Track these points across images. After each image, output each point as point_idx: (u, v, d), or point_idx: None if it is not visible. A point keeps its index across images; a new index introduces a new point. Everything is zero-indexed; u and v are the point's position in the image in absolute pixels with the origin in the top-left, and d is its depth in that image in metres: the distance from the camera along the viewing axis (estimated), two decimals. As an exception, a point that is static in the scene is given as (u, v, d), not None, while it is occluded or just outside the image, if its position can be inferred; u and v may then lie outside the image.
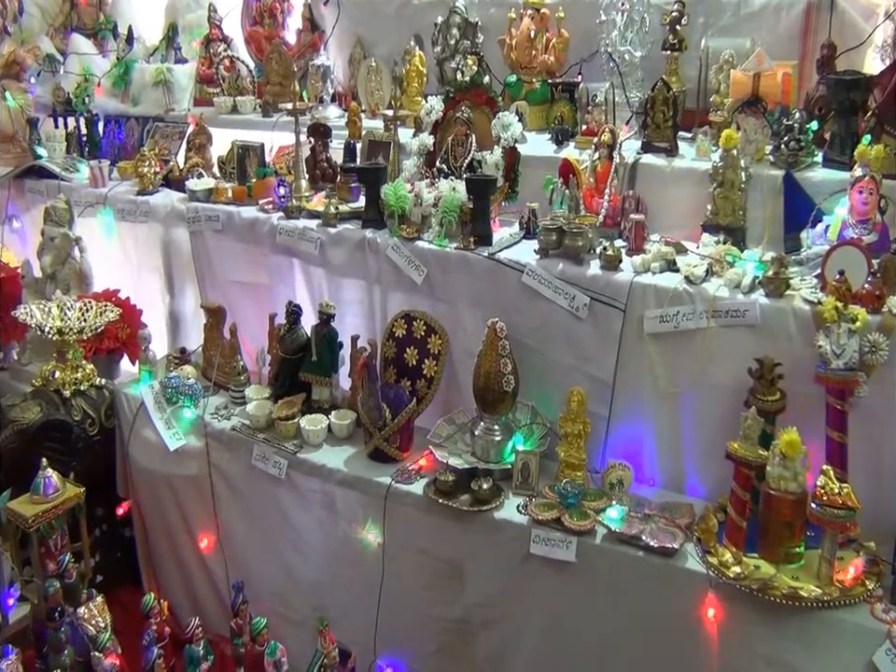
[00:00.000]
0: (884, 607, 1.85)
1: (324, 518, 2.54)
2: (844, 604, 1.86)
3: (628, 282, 2.31)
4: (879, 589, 1.90)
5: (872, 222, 2.25)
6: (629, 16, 2.95)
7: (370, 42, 3.56)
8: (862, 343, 2.01)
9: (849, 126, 2.47)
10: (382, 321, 2.74)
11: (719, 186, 2.48)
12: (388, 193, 2.68)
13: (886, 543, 1.97)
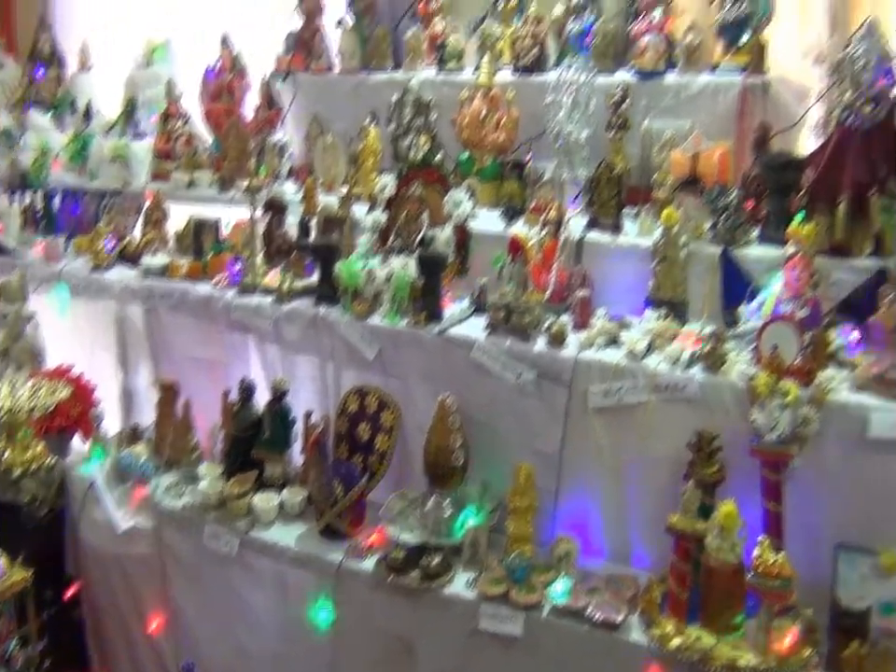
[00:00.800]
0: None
1: (276, 596, 2.63)
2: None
3: (573, 358, 2.48)
4: (815, 656, 2.03)
5: (804, 298, 2.44)
6: (575, 98, 3.17)
7: (326, 119, 3.78)
8: (794, 417, 2.18)
9: (783, 204, 2.69)
10: (335, 397, 2.87)
11: (660, 262, 2.67)
12: (342, 270, 2.85)
13: (823, 611, 2.10)
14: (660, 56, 3.22)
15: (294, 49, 3.95)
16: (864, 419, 2.12)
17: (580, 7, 3.46)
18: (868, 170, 2.54)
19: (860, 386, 2.21)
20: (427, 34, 3.75)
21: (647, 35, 3.27)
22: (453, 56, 3.61)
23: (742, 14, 3.11)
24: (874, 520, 2.13)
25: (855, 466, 2.15)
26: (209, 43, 4.06)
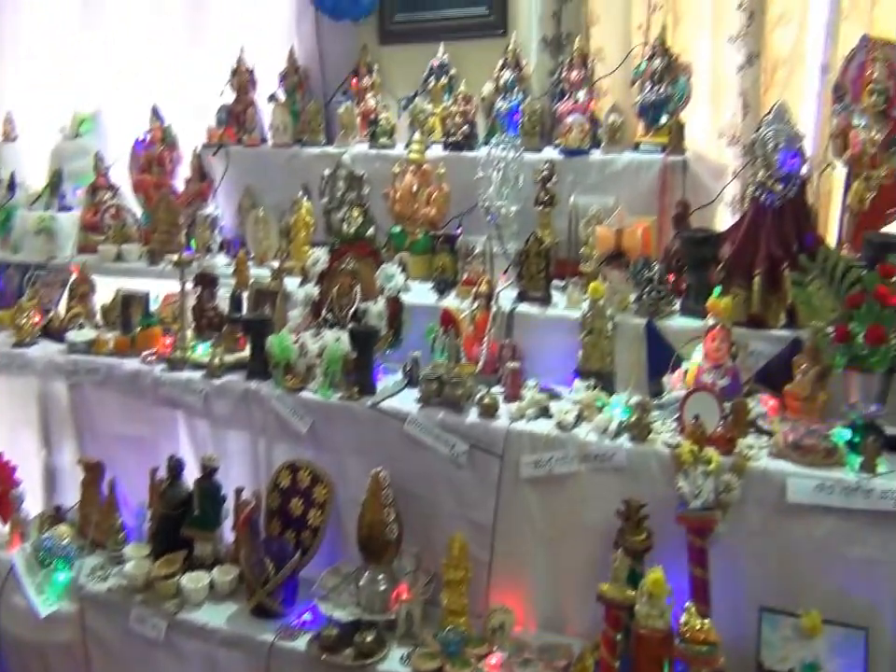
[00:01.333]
0: (746, 739, 2.09)
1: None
2: (709, 739, 2.09)
3: (505, 429, 2.60)
4: (743, 720, 2.15)
5: (724, 367, 2.63)
6: (504, 173, 3.37)
7: (258, 191, 3.91)
8: (717, 484, 2.32)
9: (702, 278, 2.90)
10: (267, 472, 2.92)
11: (588, 334, 2.83)
12: (273, 344, 2.93)
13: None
14: (585, 135, 3.45)
15: (226, 122, 4.09)
16: (782, 485, 2.27)
17: (508, 87, 3.69)
18: (781, 245, 2.76)
19: (777, 453, 2.37)
20: (360, 109, 3.95)
21: (572, 114, 3.51)
22: (385, 132, 3.80)
23: (661, 96, 3.38)
24: (794, 582, 2.28)
25: (775, 530, 2.29)
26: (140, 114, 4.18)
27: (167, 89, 4.37)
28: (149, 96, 4.23)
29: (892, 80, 2.90)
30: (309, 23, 4.13)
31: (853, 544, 2.21)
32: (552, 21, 3.69)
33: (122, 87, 4.49)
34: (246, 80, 4.13)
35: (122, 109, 4.44)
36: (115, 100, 4.47)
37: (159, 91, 4.32)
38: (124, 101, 4.45)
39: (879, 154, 2.90)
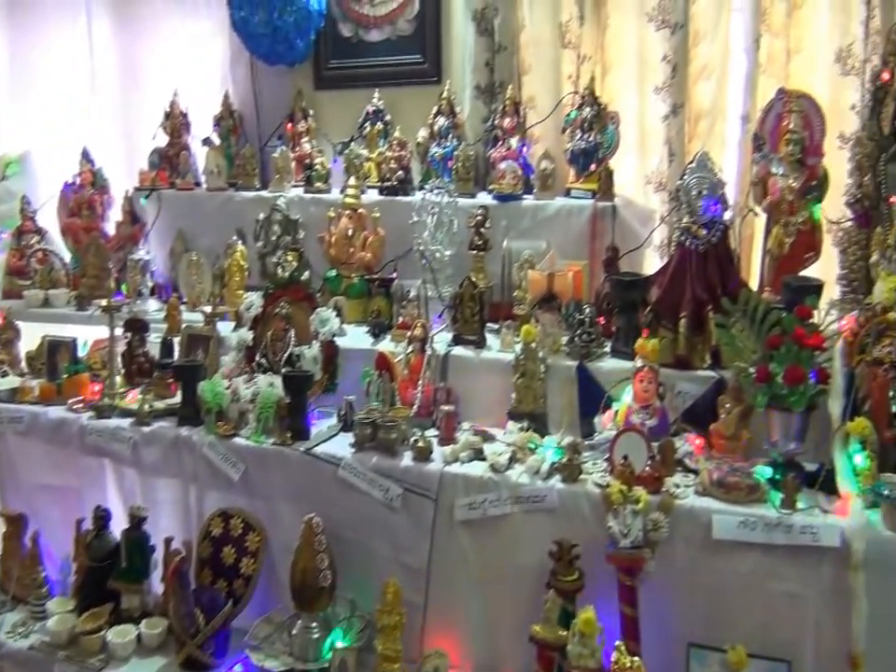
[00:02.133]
0: None
1: (131, 742, 2.60)
2: None
3: (439, 472, 2.67)
4: (673, 758, 2.23)
5: (653, 408, 2.76)
6: (439, 218, 3.51)
7: (191, 235, 3.96)
8: (646, 522, 2.42)
9: (631, 320, 3.04)
10: (198, 520, 2.93)
11: (521, 376, 2.94)
12: (205, 390, 2.97)
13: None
14: (517, 181, 3.61)
15: (159, 165, 4.15)
16: (708, 522, 2.38)
17: (442, 133, 3.84)
18: (705, 288, 2.92)
19: (703, 491, 2.48)
20: (295, 154, 4.04)
21: (505, 160, 3.67)
22: (320, 176, 3.90)
23: (591, 144, 3.56)
24: (721, 618, 2.38)
25: (701, 567, 2.40)
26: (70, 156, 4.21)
27: (98, 131, 4.42)
28: (80, 138, 4.27)
29: (807, 131, 3.11)
30: (244, 67, 4.25)
31: (775, 579, 2.32)
32: (485, 69, 3.87)
33: (52, 129, 4.52)
34: (180, 123, 4.21)
35: (52, 151, 4.47)
36: (44, 142, 4.49)
37: (90, 133, 4.36)
38: (54, 143, 4.48)
39: (796, 201, 3.09)
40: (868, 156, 3.02)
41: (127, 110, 4.47)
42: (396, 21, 4.05)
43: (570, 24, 3.72)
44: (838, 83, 3.37)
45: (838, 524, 2.27)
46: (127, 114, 4.47)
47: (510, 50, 3.82)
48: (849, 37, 3.33)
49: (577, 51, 3.75)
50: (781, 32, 3.43)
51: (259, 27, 3.92)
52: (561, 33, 3.74)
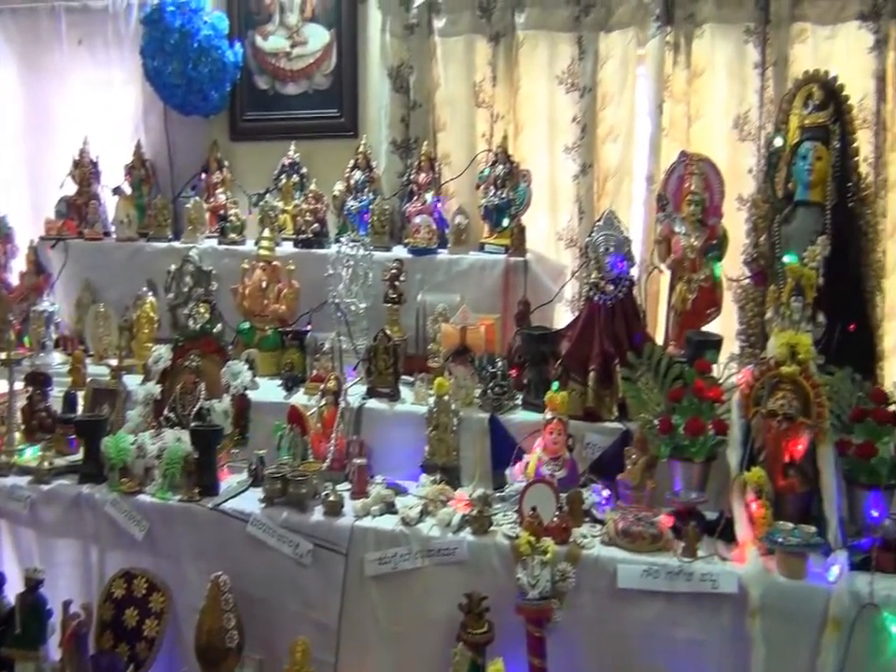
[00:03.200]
0: None
1: None
2: None
3: (349, 526, 2.72)
4: None
5: (562, 459, 2.88)
6: (354, 271, 3.60)
7: (99, 287, 3.97)
8: (554, 573, 2.51)
9: (542, 373, 3.17)
10: (99, 582, 2.90)
11: (434, 428, 3.03)
12: (109, 446, 2.95)
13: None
14: (432, 235, 3.75)
15: (66, 214, 4.15)
16: (614, 571, 2.49)
17: (358, 187, 3.96)
18: (613, 342, 3.08)
19: (609, 541, 2.59)
20: (210, 205, 4.10)
21: (420, 215, 3.81)
22: (234, 228, 3.97)
23: (504, 200, 3.73)
24: (627, 667, 2.48)
25: (608, 616, 2.50)
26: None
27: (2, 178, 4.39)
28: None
29: (708, 192, 3.33)
30: (157, 117, 4.31)
31: (678, 626, 2.44)
32: (400, 125, 4.03)
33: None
34: (90, 172, 4.24)
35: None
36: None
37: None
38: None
39: (698, 259, 3.29)
40: (763, 217, 3.26)
41: (34, 158, 4.46)
42: (313, 75, 4.19)
43: (484, 84, 3.93)
44: (736, 148, 3.64)
45: (736, 571, 2.41)
46: (34, 161, 4.46)
47: (425, 108, 3.99)
48: (746, 105, 3.62)
49: (490, 111, 3.95)
50: (682, 98, 3.70)
51: (173, 77, 4.00)
52: (475, 92, 3.94)
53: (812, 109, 3.12)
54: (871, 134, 3.45)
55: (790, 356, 2.67)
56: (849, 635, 2.30)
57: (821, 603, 2.33)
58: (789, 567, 2.40)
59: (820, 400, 2.63)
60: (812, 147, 3.08)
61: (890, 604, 2.31)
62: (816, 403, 2.62)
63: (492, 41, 3.88)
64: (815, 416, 2.61)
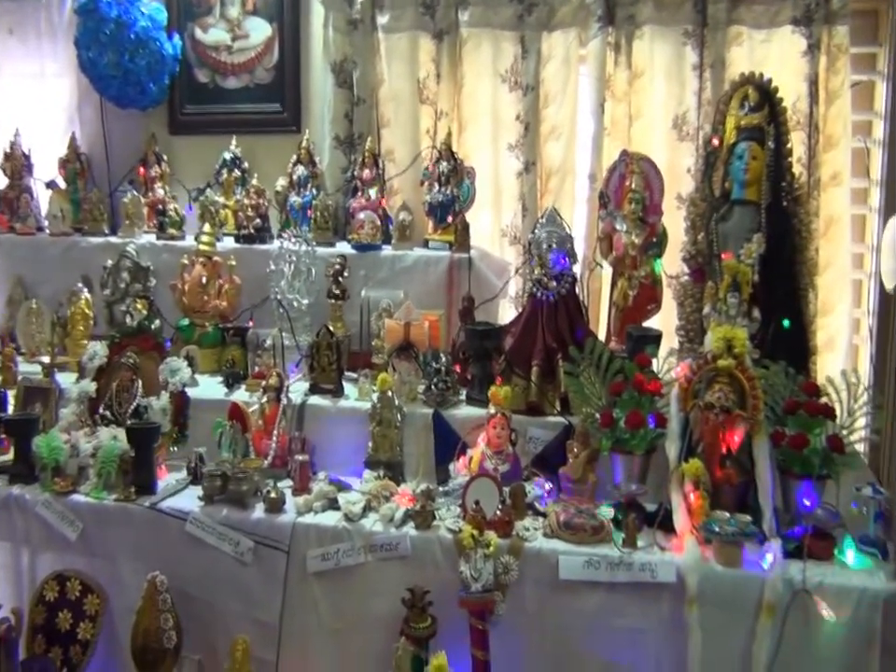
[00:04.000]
0: None
1: None
2: None
3: (291, 523, 2.70)
4: None
5: (505, 453, 2.90)
6: (297, 266, 3.58)
7: (32, 283, 3.87)
8: (496, 566, 2.54)
9: (486, 368, 3.19)
10: (30, 585, 2.83)
11: (377, 424, 3.03)
12: (40, 445, 2.88)
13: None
14: (376, 231, 3.74)
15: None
16: (555, 563, 2.52)
17: (301, 182, 3.93)
18: (555, 338, 3.12)
19: (551, 534, 2.62)
20: (147, 199, 4.03)
21: (364, 211, 3.80)
22: (174, 223, 3.90)
23: (448, 197, 3.74)
24: (569, 657, 2.51)
25: (550, 607, 2.53)
26: None
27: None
28: None
29: (648, 191, 3.39)
30: (93, 109, 4.22)
31: (618, 616, 2.48)
32: (344, 121, 4.01)
33: None
34: (21, 165, 4.13)
35: None
36: None
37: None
38: None
39: (639, 256, 3.35)
40: (701, 215, 3.33)
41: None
42: (254, 69, 4.15)
43: (428, 81, 3.93)
44: (675, 147, 3.71)
45: (674, 560, 2.46)
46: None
47: (368, 103, 3.98)
48: (684, 106, 3.69)
49: (434, 107, 3.95)
50: (623, 98, 3.75)
51: (109, 69, 3.91)
52: (419, 89, 3.94)
53: (748, 110, 3.20)
54: (804, 136, 3.55)
55: (726, 350, 2.72)
56: (783, 620, 2.37)
57: (756, 590, 2.39)
58: (725, 556, 2.46)
59: (756, 393, 2.69)
60: (748, 146, 3.16)
61: (822, 590, 2.38)
62: (751, 396, 2.68)
63: (436, 38, 3.88)
64: (750, 409, 2.67)
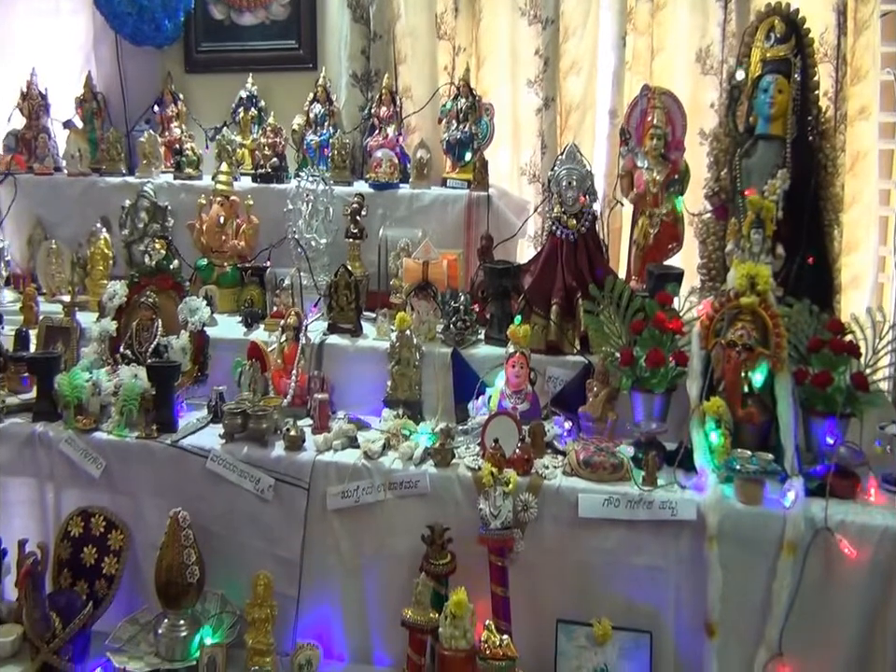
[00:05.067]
0: (545, 746, 2.23)
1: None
2: (510, 748, 2.21)
3: (311, 461, 2.65)
4: (540, 730, 2.30)
5: (524, 392, 2.83)
6: (314, 206, 3.48)
7: (51, 223, 3.80)
8: (516, 503, 2.48)
9: (505, 307, 3.11)
10: (56, 521, 2.80)
11: (396, 363, 2.96)
12: (63, 383, 2.83)
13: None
14: (394, 169, 3.62)
15: (15, 148, 3.95)
16: (575, 501, 2.46)
17: (318, 121, 3.81)
18: (575, 276, 3.02)
19: (570, 472, 2.56)
20: (164, 139, 3.92)
21: (382, 149, 3.68)
22: (191, 162, 3.80)
23: (466, 134, 3.61)
24: (587, 594, 2.46)
25: (569, 545, 2.47)
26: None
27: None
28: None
29: (670, 126, 3.25)
30: (109, 48, 4.10)
31: (637, 554, 2.43)
32: (361, 58, 3.87)
33: None
34: (38, 105, 4.03)
35: None
36: None
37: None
38: None
39: (660, 193, 3.22)
40: (724, 151, 3.19)
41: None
42: (269, 5, 4.00)
43: (445, 16, 3.77)
44: (698, 82, 3.55)
45: (695, 498, 2.39)
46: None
47: (385, 39, 3.83)
48: (708, 39, 3.51)
49: (452, 43, 3.81)
50: (645, 31, 3.58)
51: (124, 5, 3.79)
52: (436, 24, 3.78)
53: (774, 42, 3.03)
54: (831, 68, 3.37)
55: (749, 287, 2.63)
56: (804, 558, 2.31)
57: (777, 528, 2.33)
58: (746, 494, 2.39)
59: (779, 331, 2.60)
60: (773, 79, 3.00)
61: (844, 528, 2.31)
62: (774, 334, 2.59)
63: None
64: (773, 347, 2.58)
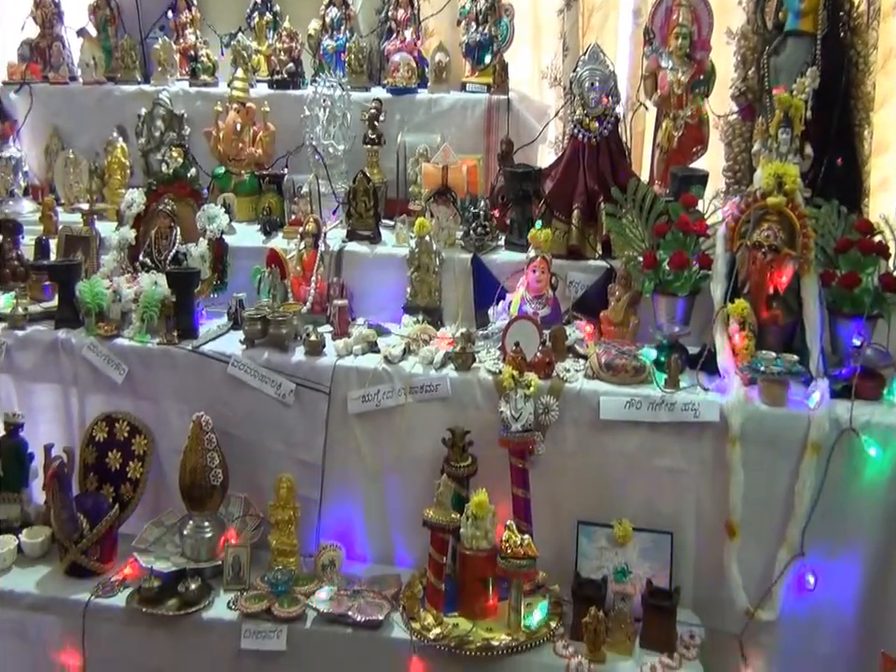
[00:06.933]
0: (564, 643, 2.18)
1: (16, 649, 2.45)
2: (530, 647, 2.16)
3: (331, 366, 2.55)
4: (561, 627, 2.24)
5: (545, 297, 2.70)
6: (331, 112, 3.29)
7: (67, 133, 3.64)
8: (537, 406, 2.38)
9: (525, 212, 2.95)
10: (80, 426, 2.75)
11: (416, 270, 2.83)
12: (83, 290, 2.73)
13: (568, 584, 2.30)
14: (412, 74, 3.42)
15: (30, 57, 3.78)
16: (596, 404, 2.36)
17: (334, 25, 3.59)
18: (597, 180, 2.85)
19: (592, 375, 2.44)
20: (179, 46, 3.72)
21: (399, 53, 3.47)
22: (206, 69, 3.62)
23: (485, 37, 3.39)
24: (608, 496, 2.38)
25: (590, 447, 2.39)
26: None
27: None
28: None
29: (696, 25, 3.02)
30: (120, -48, 3.85)
31: (659, 455, 2.34)
32: (377, -43, 3.61)
33: None
34: (52, 13, 3.83)
35: None
36: None
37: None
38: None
39: (685, 95, 3.02)
40: (752, 49, 2.98)
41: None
42: None
43: (463, -89, 3.49)
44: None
45: (718, 400, 2.28)
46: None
47: (401, -60, 3.57)
48: (737, -70, 3.22)
49: (468, -59, 3.53)
50: (671, -77, 3.28)
51: None
52: (454, -81, 3.51)
53: (805, -67, 2.77)
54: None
55: (776, 186, 2.46)
56: (828, 459, 2.21)
57: (801, 429, 2.23)
58: (770, 395, 2.28)
59: (806, 231, 2.43)
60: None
61: (869, 429, 2.21)
62: (801, 234, 2.43)
63: None
64: (800, 248, 2.43)
